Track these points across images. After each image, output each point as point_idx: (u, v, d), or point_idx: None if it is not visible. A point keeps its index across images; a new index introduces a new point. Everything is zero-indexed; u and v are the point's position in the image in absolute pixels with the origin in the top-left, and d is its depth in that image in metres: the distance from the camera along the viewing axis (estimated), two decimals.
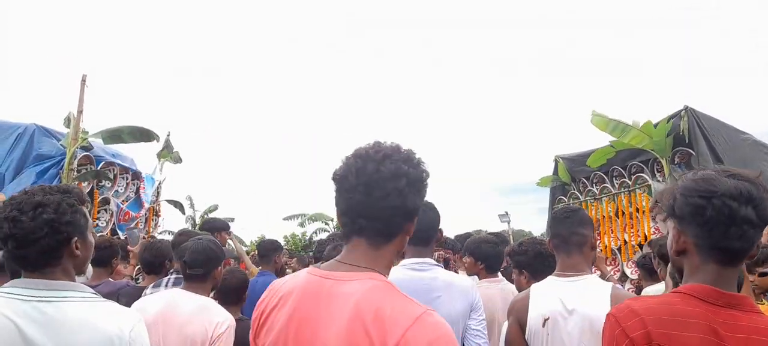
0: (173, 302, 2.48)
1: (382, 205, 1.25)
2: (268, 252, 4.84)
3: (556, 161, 9.59)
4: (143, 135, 7.97)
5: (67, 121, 7.79)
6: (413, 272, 2.28)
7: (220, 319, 2.43)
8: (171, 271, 3.36)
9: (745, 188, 1.25)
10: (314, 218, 25.25)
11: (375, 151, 1.30)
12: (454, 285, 2.31)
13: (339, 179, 1.31)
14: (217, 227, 4.99)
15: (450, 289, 2.27)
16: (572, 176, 9.39)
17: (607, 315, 1.34)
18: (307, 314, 1.22)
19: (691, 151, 6.96)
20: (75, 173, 7.42)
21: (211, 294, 2.75)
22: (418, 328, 1.12)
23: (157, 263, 3.51)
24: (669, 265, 2.42)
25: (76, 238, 1.57)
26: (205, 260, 2.58)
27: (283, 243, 6.29)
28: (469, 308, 2.31)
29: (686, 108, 7.10)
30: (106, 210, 8.08)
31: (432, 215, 2.41)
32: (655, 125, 7.41)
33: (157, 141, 8.36)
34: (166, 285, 3.10)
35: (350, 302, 1.18)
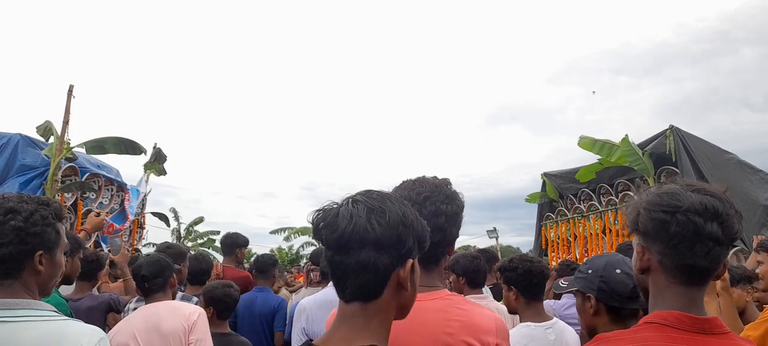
0: (148, 312, 2.72)
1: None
2: (267, 267, 4.78)
3: (544, 179, 9.65)
4: (129, 147, 7.89)
5: (43, 131, 7.68)
6: None
7: (190, 310, 2.73)
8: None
9: (711, 203, 1.18)
10: (301, 232, 25.11)
11: (417, 194, 1.50)
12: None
13: None
14: (240, 243, 5.13)
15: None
16: (560, 193, 9.44)
17: None
18: (394, 335, 1.22)
19: (676, 170, 7.03)
20: (59, 184, 7.32)
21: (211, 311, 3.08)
22: (502, 328, 1.45)
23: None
24: None
25: (40, 252, 1.50)
26: (159, 271, 2.82)
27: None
28: None
29: (672, 127, 7.19)
30: (64, 220, 7.95)
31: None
32: (640, 144, 7.50)
33: (145, 154, 8.29)
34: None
35: (436, 316, 1.38)
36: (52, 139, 7.59)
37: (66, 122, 7.56)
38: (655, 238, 1.24)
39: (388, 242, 1.06)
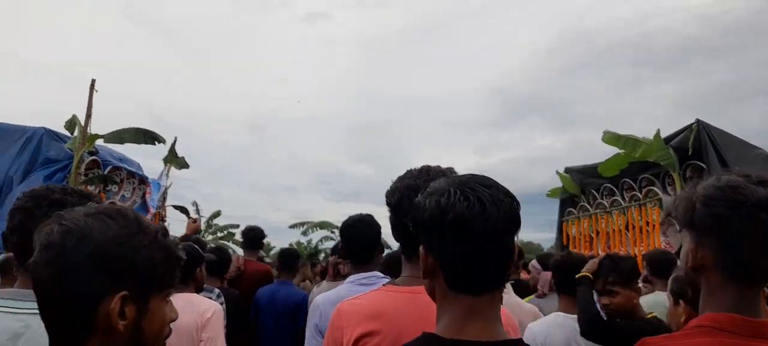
0: None
1: None
2: (291, 260, 4.82)
3: (562, 174, 9.52)
4: (148, 137, 7.98)
5: (70, 125, 7.80)
6: (360, 286, 2.33)
7: (205, 306, 2.68)
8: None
9: None
10: (319, 226, 25.15)
11: (425, 182, 1.40)
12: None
13: (395, 205, 1.50)
14: (263, 236, 5.31)
15: None
16: (582, 188, 9.30)
17: None
18: (403, 328, 1.25)
19: (703, 165, 6.86)
20: (82, 177, 7.42)
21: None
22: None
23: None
24: (671, 280, 2.33)
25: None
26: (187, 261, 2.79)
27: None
28: None
29: (697, 121, 7.02)
30: None
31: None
32: (665, 139, 7.33)
33: (164, 144, 8.37)
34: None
35: None
36: (75, 133, 7.70)
37: (88, 116, 7.66)
38: (712, 234, 1.15)
39: (519, 226, 1.06)
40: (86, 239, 0.94)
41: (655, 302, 3.31)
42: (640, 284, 7.40)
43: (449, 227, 1.02)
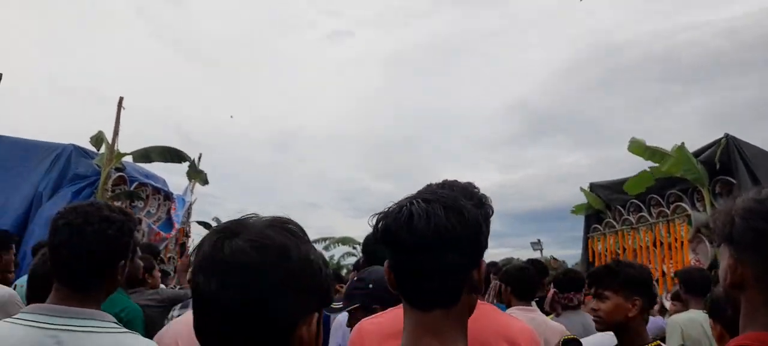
0: (188, 320, 2.53)
1: None
2: None
3: (586, 190, 9.39)
4: (174, 156, 8.10)
5: (96, 141, 7.96)
6: None
7: None
8: None
9: None
10: (341, 242, 25.15)
11: None
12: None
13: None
14: None
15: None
16: (607, 204, 9.15)
17: None
18: None
19: (733, 180, 6.70)
20: (109, 193, 7.55)
21: None
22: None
23: None
24: (709, 298, 2.25)
25: (122, 262, 1.54)
26: None
27: None
28: None
29: (726, 136, 6.87)
30: (138, 230, 8.17)
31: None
32: (693, 153, 7.19)
33: (190, 162, 8.49)
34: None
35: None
36: (102, 149, 7.86)
37: (116, 133, 7.82)
38: (753, 250, 1.09)
39: (467, 242, 1.00)
40: (284, 257, 0.84)
41: (689, 319, 3.21)
42: (668, 302, 7.23)
43: (380, 238, 1.04)
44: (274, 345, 0.84)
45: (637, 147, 7.67)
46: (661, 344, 2.20)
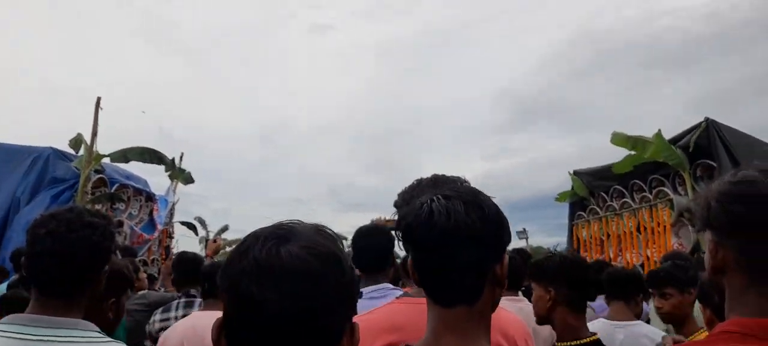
0: (201, 321, 2.52)
1: None
2: None
3: (573, 177, 9.45)
4: (153, 157, 7.99)
5: (75, 143, 7.83)
6: (370, 300, 2.21)
7: None
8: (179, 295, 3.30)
9: None
10: None
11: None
12: None
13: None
14: None
15: None
16: (591, 191, 9.22)
17: None
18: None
19: (713, 164, 6.78)
20: (89, 196, 7.43)
21: None
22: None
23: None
24: (698, 285, 2.28)
25: (106, 268, 1.50)
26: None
27: None
28: None
29: (707, 120, 6.95)
30: (120, 233, 8.06)
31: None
32: (675, 138, 7.27)
33: (168, 165, 8.38)
34: (176, 308, 3.06)
35: None
36: (81, 151, 7.73)
37: (94, 134, 7.69)
38: (730, 233, 1.08)
39: (488, 237, 1.00)
40: (338, 265, 0.82)
41: None
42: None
43: (402, 236, 1.07)
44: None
45: (620, 139, 7.76)
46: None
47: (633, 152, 7.69)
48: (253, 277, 0.77)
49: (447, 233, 0.99)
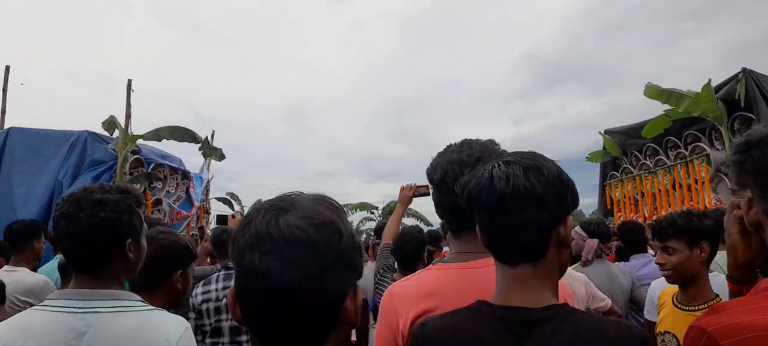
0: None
1: None
2: None
3: (605, 136, 9.29)
4: (185, 135, 8.14)
5: (108, 125, 8.01)
6: None
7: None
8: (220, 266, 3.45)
9: None
10: (359, 208, 25.34)
11: (467, 155, 1.42)
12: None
13: (439, 181, 1.45)
14: None
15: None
16: (623, 150, 9.06)
17: (694, 327, 0.99)
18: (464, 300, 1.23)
19: (752, 116, 6.57)
20: (127, 176, 7.64)
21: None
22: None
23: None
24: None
25: (130, 240, 1.54)
26: None
27: None
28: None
29: (744, 70, 6.70)
30: (159, 211, 8.30)
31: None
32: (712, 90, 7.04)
33: (200, 143, 8.53)
34: (216, 281, 3.17)
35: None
36: (116, 134, 7.92)
37: (128, 116, 7.88)
38: (752, 186, 1.04)
39: (549, 199, 1.06)
40: (337, 233, 0.85)
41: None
42: None
43: (465, 202, 1.13)
44: (325, 320, 0.85)
45: (654, 91, 7.52)
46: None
47: (666, 107, 7.48)
48: (254, 247, 0.81)
49: (507, 196, 1.04)
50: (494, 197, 1.05)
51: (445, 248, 3.92)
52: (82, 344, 1.39)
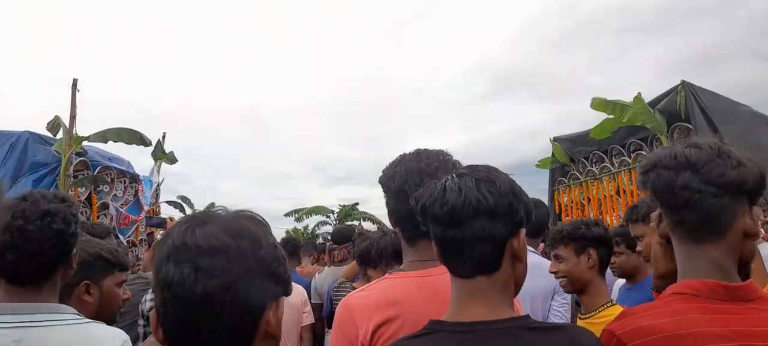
0: None
1: None
2: (293, 249, 5.09)
3: (553, 143, 9.57)
4: (133, 138, 7.88)
5: (52, 126, 7.69)
6: None
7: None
8: None
9: (683, 153, 1.13)
10: (313, 212, 25.15)
11: (426, 165, 1.43)
12: (538, 265, 2.60)
13: (397, 189, 1.44)
14: None
15: (533, 269, 2.51)
16: (571, 157, 9.36)
17: (605, 331, 1.12)
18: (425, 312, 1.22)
19: (690, 126, 6.91)
20: (72, 179, 7.36)
21: None
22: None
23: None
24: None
25: (75, 250, 1.50)
26: None
27: (284, 239, 6.46)
28: (552, 290, 2.84)
29: (683, 83, 7.05)
30: (105, 215, 8.02)
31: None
32: (652, 102, 7.38)
33: (149, 146, 8.29)
34: None
35: None
36: (60, 135, 7.61)
37: (73, 117, 7.57)
38: (658, 201, 1.20)
39: (501, 211, 1.06)
40: (256, 243, 0.84)
41: None
42: None
43: (420, 214, 1.13)
44: (243, 330, 0.84)
45: (599, 104, 7.85)
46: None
47: (612, 117, 7.80)
48: (170, 258, 0.82)
49: (459, 208, 1.05)
50: (447, 208, 1.06)
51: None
52: None
